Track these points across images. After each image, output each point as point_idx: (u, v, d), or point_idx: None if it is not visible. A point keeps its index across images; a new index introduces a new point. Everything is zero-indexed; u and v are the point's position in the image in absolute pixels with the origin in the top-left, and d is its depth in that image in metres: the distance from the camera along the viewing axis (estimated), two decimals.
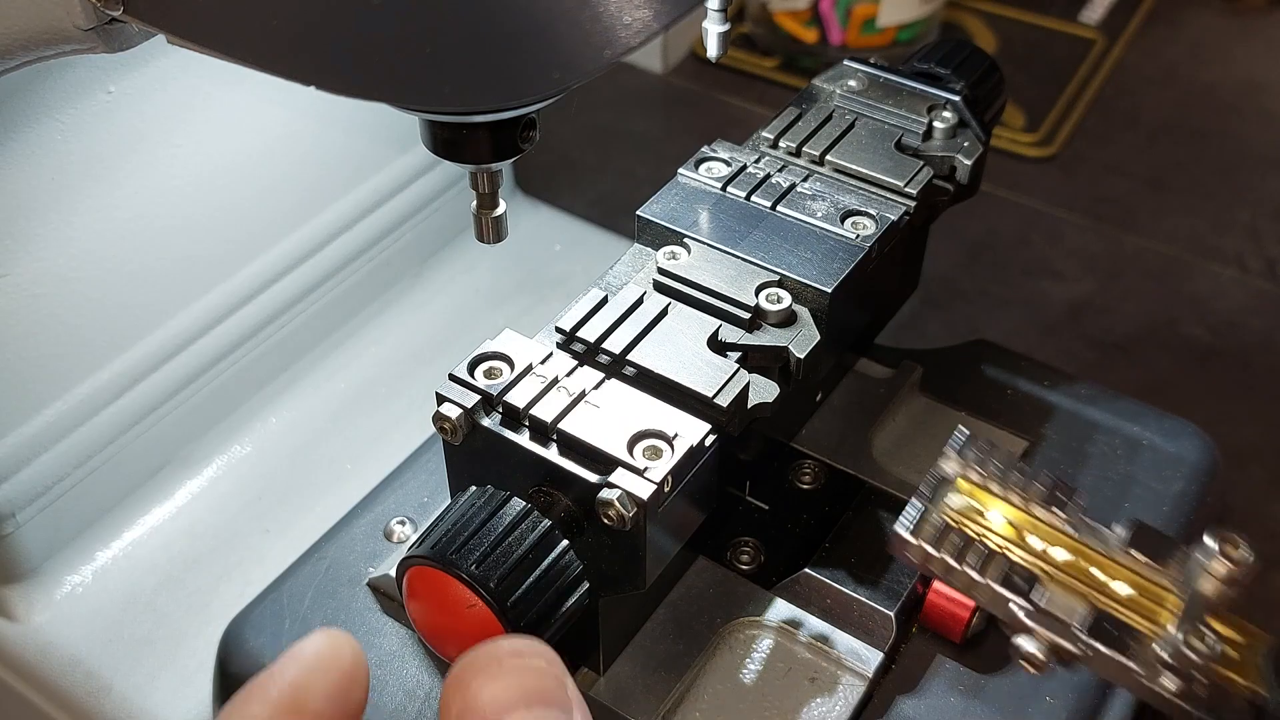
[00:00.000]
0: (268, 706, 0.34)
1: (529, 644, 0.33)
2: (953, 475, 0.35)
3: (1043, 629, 0.33)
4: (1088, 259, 0.81)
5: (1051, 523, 0.34)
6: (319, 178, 0.62)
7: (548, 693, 0.32)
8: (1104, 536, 0.34)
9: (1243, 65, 0.97)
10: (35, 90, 0.48)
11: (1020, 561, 0.33)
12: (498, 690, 0.32)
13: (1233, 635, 0.32)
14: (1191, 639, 0.32)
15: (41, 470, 0.54)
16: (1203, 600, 0.32)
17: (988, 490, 0.35)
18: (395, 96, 0.32)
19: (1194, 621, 0.32)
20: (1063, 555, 0.34)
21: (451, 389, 0.41)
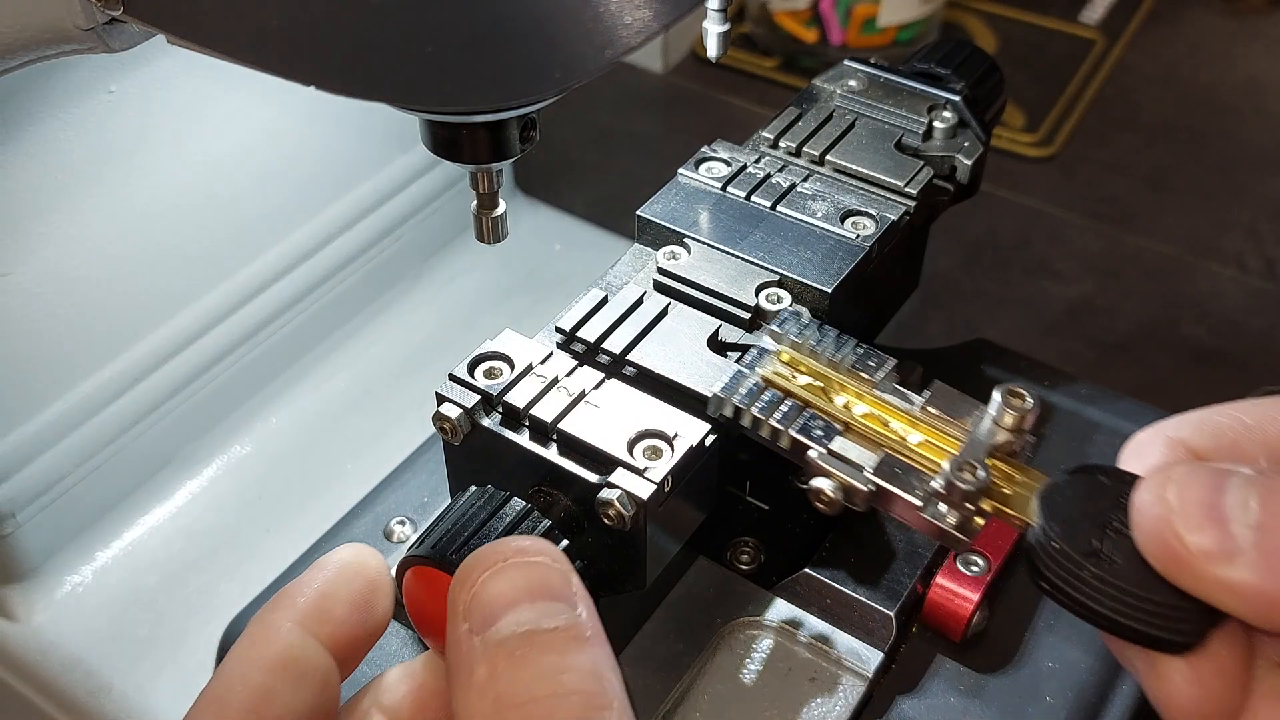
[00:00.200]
0: (295, 613, 0.35)
1: (534, 542, 0.34)
2: (772, 347, 0.39)
3: (838, 472, 0.36)
4: (1087, 259, 0.81)
5: (857, 385, 0.38)
6: (319, 178, 0.62)
7: (553, 587, 0.33)
8: (906, 396, 0.38)
9: (1242, 65, 0.97)
10: (37, 90, 0.48)
11: (823, 415, 0.37)
12: (503, 585, 0.32)
13: (1012, 475, 0.35)
14: (963, 472, 0.34)
15: (42, 470, 0.54)
16: (984, 444, 0.35)
17: (802, 358, 0.39)
18: (395, 96, 0.32)
19: (970, 460, 0.34)
20: (863, 410, 0.37)
21: (451, 389, 0.41)
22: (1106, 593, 0.31)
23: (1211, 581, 0.29)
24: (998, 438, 0.36)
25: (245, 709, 0.33)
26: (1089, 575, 0.31)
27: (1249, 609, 0.29)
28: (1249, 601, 0.29)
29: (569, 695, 0.30)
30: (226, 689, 0.34)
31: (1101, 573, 0.31)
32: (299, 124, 0.59)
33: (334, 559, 0.37)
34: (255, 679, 0.34)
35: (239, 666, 0.34)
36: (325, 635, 0.36)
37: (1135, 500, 0.31)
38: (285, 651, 0.35)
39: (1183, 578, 0.30)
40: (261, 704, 0.33)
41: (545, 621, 0.32)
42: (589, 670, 0.31)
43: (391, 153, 0.65)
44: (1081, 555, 0.31)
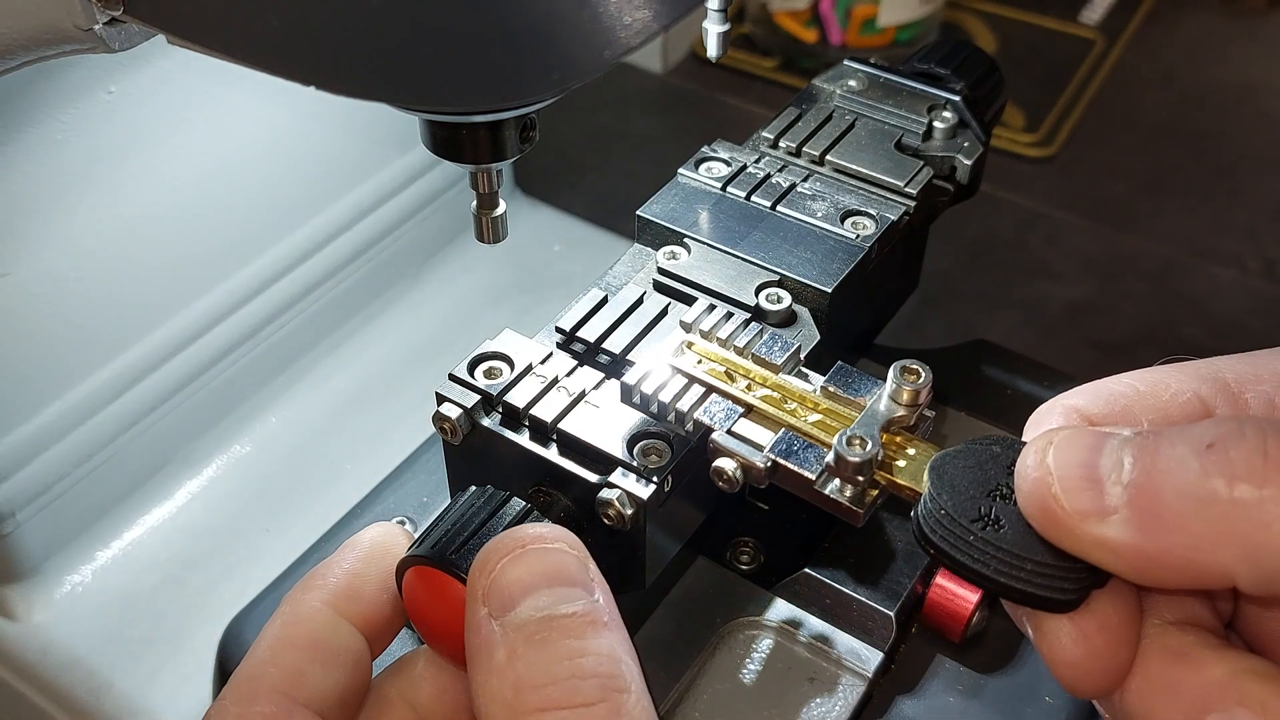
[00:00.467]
0: (326, 593, 0.36)
1: (551, 528, 0.34)
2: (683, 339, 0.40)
3: (738, 451, 0.37)
4: (1087, 259, 0.81)
5: (759, 370, 0.39)
6: (319, 178, 0.62)
7: (570, 573, 0.33)
8: (807, 378, 0.39)
9: (1241, 66, 0.97)
10: (36, 90, 0.48)
11: (727, 399, 0.38)
12: (521, 570, 0.33)
13: (905, 447, 0.36)
14: (852, 445, 0.35)
15: (41, 470, 0.54)
16: (879, 419, 0.36)
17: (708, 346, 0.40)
18: (395, 96, 0.32)
19: (859, 433, 0.35)
20: (764, 393, 0.38)
21: (451, 389, 0.41)
22: (990, 555, 0.31)
23: (1088, 540, 0.30)
24: (895, 413, 0.37)
25: (276, 690, 0.34)
26: (974, 539, 0.32)
27: (1126, 566, 0.30)
28: (1125, 559, 0.30)
29: (588, 678, 0.31)
30: (259, 670, 0.34)
31: (986, 536, 0.32)
32: (299, 124, 0.59)
33: (364, 538, 0.38)
34: (287, 660, 0.34)
35: (271, 647, 0.35)
36: (356, 615, 0.36)
37: (1017, 464, 0.32)
38: (316, 632, 0.35)
39: (1061, 538, 0.31)
40: (293, 685, 0.34)
41: (563, 606, 0.32)
42: (607, 654, 0.32)
43: (391, 153, 0.65)
44: (968, 520, 0.32)
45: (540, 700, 0.31)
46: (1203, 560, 0.29)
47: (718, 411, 0.38)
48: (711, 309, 0.41)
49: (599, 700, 0.31)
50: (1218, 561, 0.28)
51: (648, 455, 0.39)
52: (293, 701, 0.34)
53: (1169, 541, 0.29)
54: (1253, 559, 0.28)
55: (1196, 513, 0.28)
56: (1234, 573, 0.28)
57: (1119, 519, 0.29)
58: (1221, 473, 0.28)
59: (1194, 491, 0.28)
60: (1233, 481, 0.28)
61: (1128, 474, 0.29)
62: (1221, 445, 0.28)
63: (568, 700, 0.31)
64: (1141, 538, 0.29)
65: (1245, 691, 0.29)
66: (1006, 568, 0.31)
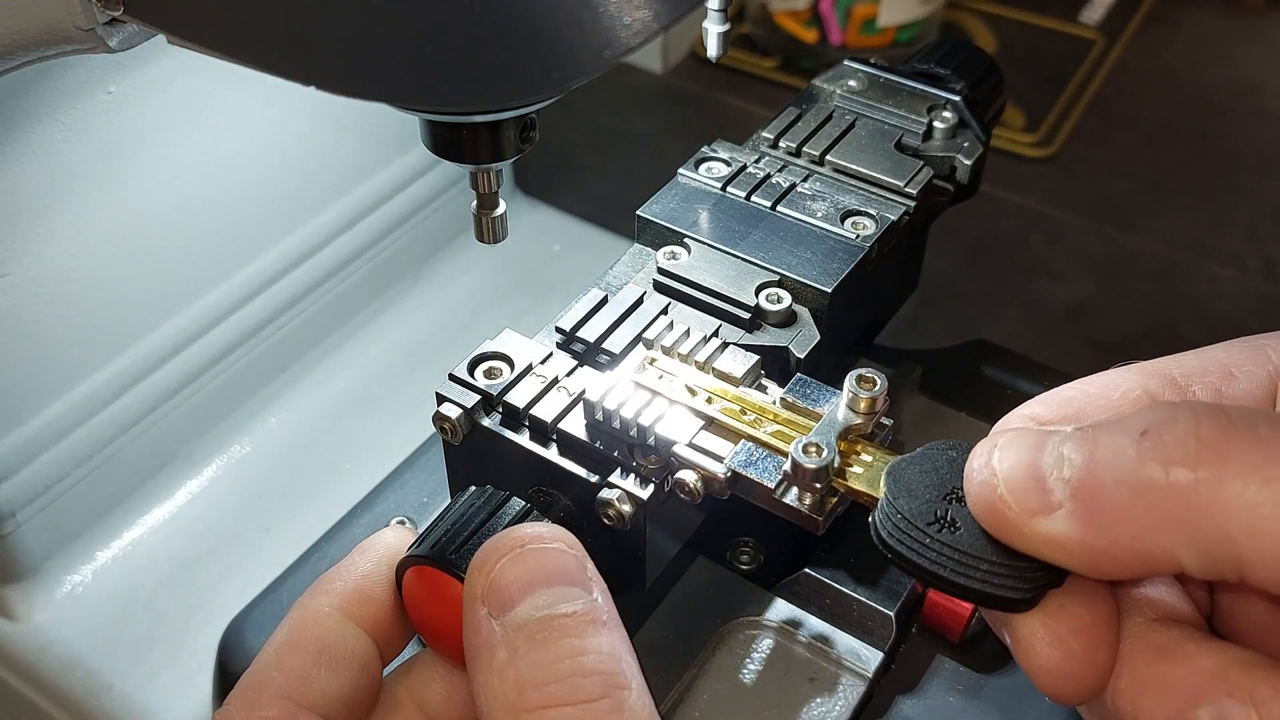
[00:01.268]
0: (335, 598, 0.36)
1: (549, 528, 0.35)
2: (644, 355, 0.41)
3: (699, 463, 0.37)
4: (1087, 259, 0.81)
5: (719, 382, 0.40)
6: (319, 178, 0.62)
7: (568, 573, 0.34)
8: (766, 390, 0.40)
9: (1241, 66, 0.97)
10: (36, 90, 0.48)
11: (688, 411, 0.39)
12: (520, 570, 0.33)
13: (862, 454, 0.37)
14: (808, 453, 0.36)
15: (41, 470, 0.54)
16: (837, 427, 0.37)
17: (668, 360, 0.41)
18: (395, 96, 0.32)
19: (816, 441, 0.36)
20: (724, 405, 0.39)
21: (451, 389, 0.41)
22: (946, 557, 0.32)
23: (1037, 538, 0.30)
24: (852, 421, 0.37)
25: (281, 694, 0.34)
26: (930, 541, 0.32)
27: (1076, 560, 0.30)
28: (1074, 553, 0.30)
29: (590, 675, 0.31)
30: (264, 675, 0.35)
31: (942, 539, 0.32)
32: (299, 124, 0.59)
33: (376, 542, 0.38)
34: (292, 664, 0.35)
35: (277, 652, 0.35)
36: (366, 618, 0.36)
37: (965, 468, 0.32)
38: (323, 636, 0.35)
39: (1011, 537, 0.31)
40: (297, 689, 0.34)
41: (563, 605, 0.33)
42: (608, 652, 0.32)
43: (391, 153, 0.65)
44: (924, 524, 0.33)
45: (543, 698, 0.31)
46: (1148, 548, 0.29)
47: (679, 425, 0.39)
48: (672, 326, 0.42)
49: (601, 696, 0.31)
50: (1162, 548, 0.29)
51: (647, 456, 0.39)
52: (297, 705, 0.34)
53: (1114, 532, 0.29)
54: (1194, 542, 0.28)
55: (1136, 500, 0.29)
56: (1179, 558, 0.29)
57: (1064, 514, 0.30)
58: (1157, 458, 0.29)
59: (1132, 479, 0.29)
60: (1168, 466, 0.28)
61: (1069, 469, 0.30)
62: (1155, 431, 0.29)
63: (570, 697, 0.31)
64: (1087, 530, 0.30)
65: (1232, 682, 0.30)
66: (962, 569, 0.32)
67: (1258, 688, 0.29)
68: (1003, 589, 0.31)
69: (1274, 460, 0.28)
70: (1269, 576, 0.28)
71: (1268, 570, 0.28)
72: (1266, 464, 0.28)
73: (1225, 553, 0.28)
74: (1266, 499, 0.27)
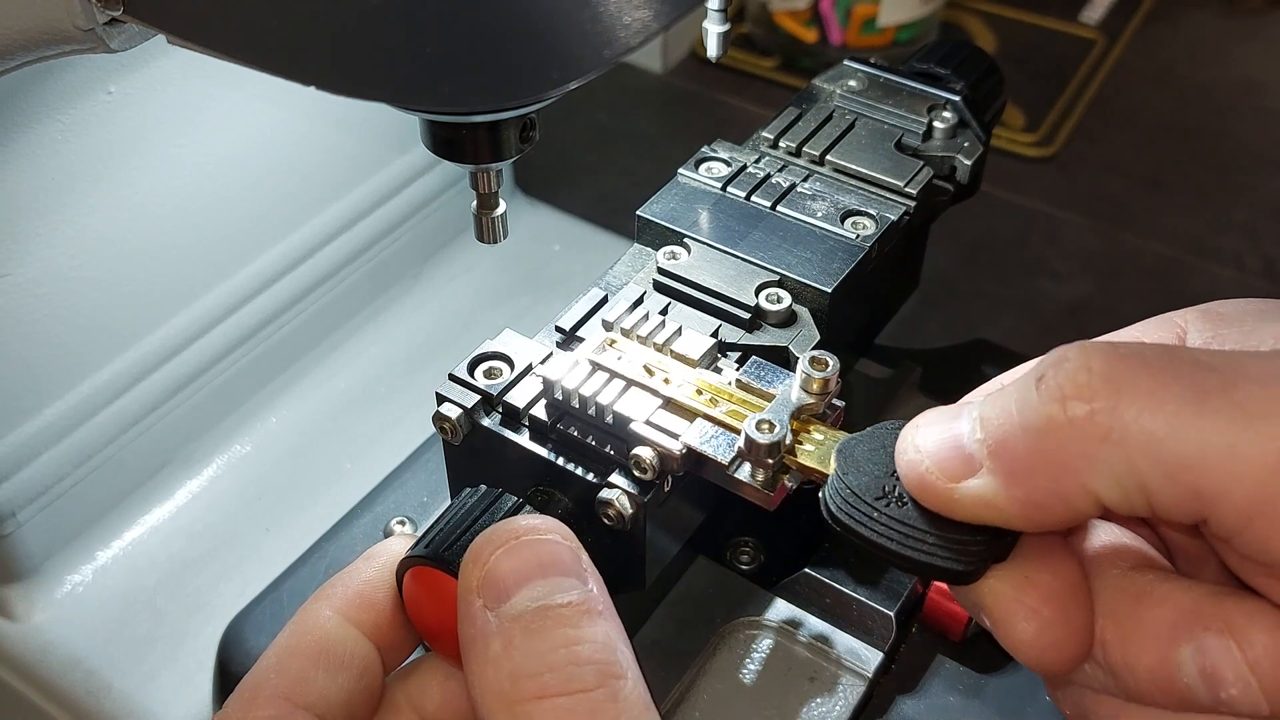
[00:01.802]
0: (337, 602, 0.36)
1: (544, 520, 0.35)
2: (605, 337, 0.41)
3: (656, 440, 0.38)
4: (1086, 259, 0.81)
5: (676, 363, 0.41)
6: (319, 178, 0.62)
7: (563, 563, 0.34)
8: (722, 370, 0.41)
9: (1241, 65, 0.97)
10: (36, 90, 0.48)
11: (645, 391, 0.39)
12: (516, 561, 0.33)
13: (814, 433, 0.38)
14: (760, 429, 0.36)
15: (41, 470, 0.54)
16: (790, 407, 0.38)
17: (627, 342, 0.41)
18: (395, 96, 0.32)
19: (769, 418, 0.37)
20: (682, 386, 0.40)
21: (451, 389, 0.41)
22: (894, 530, 0.33)
23: (968, 503, 0.31)
24: (805, 401, 0.38)
25: (279, 695, 0.34)
26: (878, 515, 0.33)
27: (1006, 515, 0.31)
28: (1004, 509, 0.31)
29: (585, 664, 0.31)
30: (262, 677, 0.35)
31: (889, 513, 0.33)
32: (299, 124, 0.59)
33: (382, 549, 0.38)
34: (291, 666, 0.35)
35: (276, 654, 0.35)
36: (368, 623, 0.37)
37: (895, 448, 0.33)
38: (323, 640, 0.35)
39: (943, 506, 0.32)
40: (295, 690, 0.34)
41: (558, 596, 0.33)
42: (603, 642, 0.32)
43: (391, 153, 0.65)
44: (872, 498, 0.33)
45: (538, 688, 0.31)
46: (1065, 488, 0.30)
47: (636, 404, 0.39)
48: (633, 308, 0.42)
49: (597, 686, 0.31)
50: (1079, 485, 0.30)
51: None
52: (294, 706, 0.34)
53: (1033, 479, 0.30)
54: (1105, 475, 0.29)
55: (1045, 443, 0.30)
56: (1097, 493, 0.30)
57: (986, 473, 0.31)
58: (1054, 398, 0.29)
59: (1037, 424, 0.30)
60: (1065, 402, 0.29)
61: (983, 430, 0.31)
62: (1050, 373, 0.30)
63: (565, 687, 0.31)
64: (1008, 484, 0.30)
65: (1208, 615, 0.30)
66: (910, 541, 0.32)
67: (1232, 617, 0.30)
68: (947, 560, 0.32)
69: (1163, 385, 0.29)
70: (1171, 502, 0.29)
71: (1170, 495, 0.29)
72: (1157, 389, 0.29)
73: (1133, 482, 0.29)
74: (1160, 423, 0.28)
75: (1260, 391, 0.28)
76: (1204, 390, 0.29)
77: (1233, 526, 0.29)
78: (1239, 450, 0.28)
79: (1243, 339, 0.34)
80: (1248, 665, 0.29)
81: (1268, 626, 0.29)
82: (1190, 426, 0.28)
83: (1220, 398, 0.28)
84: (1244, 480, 0.28)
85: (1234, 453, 0.28)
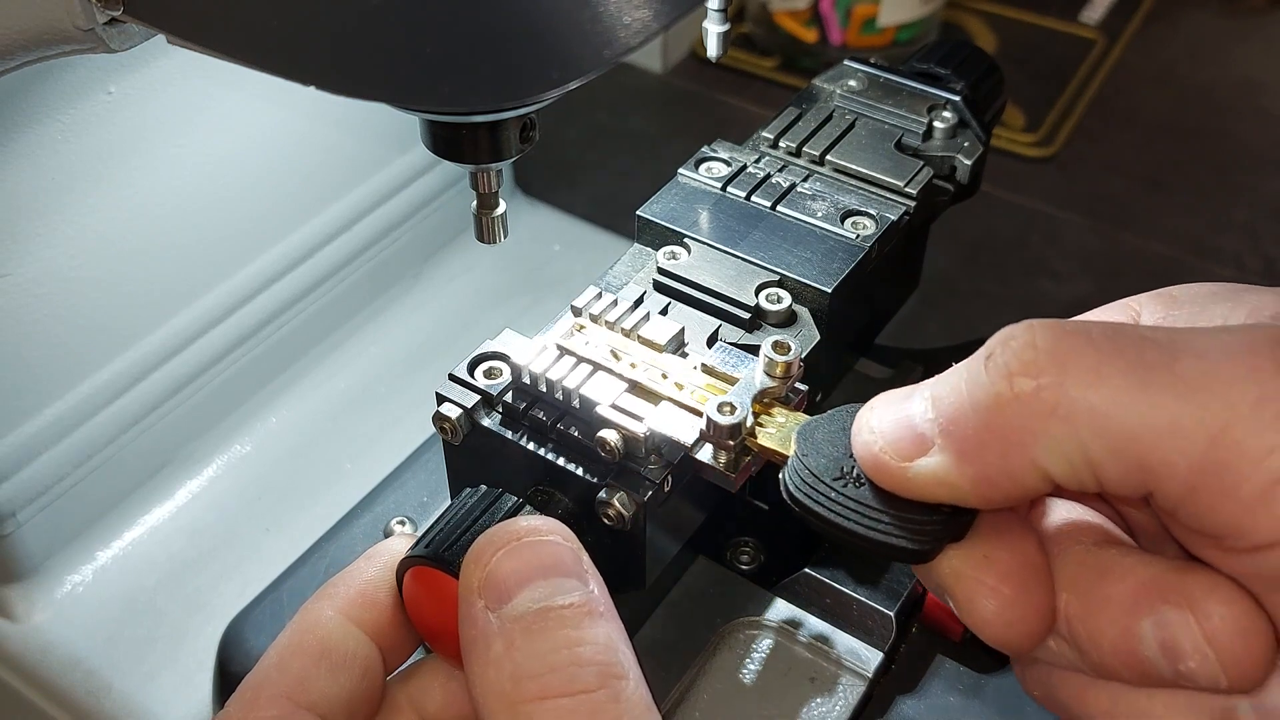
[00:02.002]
0: (338, 602, 0.36)
1: (545, 521, 0.35)
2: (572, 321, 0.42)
3: (620, 423, 0.38)
4: (1086, 259, 0.81)
5: (642, 348, 0.41)
6: (319, 178, 0.62)
7: (565, 564, 0.34)
8: (687, 355, 0.42)
9: (1241, 65, 0.97)
10: (36, 90, 0.48)
11: (612, 375, 0.40)
12: (517, 562, 0.34)
13: (776, 416, 0.38)
14: (722, 411, 0.37)
15: (41, 470, 0.54)
16: (752, 390, 0.38)
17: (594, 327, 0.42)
18: (395, 96, 0.32)
19: (730, 400, 0.37)
20: (649, 370, 0.40)
21: (451, 389, 0.41)
22: (851, 510, 0.33)
23: (921, 481, 0.32)
24: (767, 385, 0.39)
25: (280, 695, 0.34)
26: (836, 495, 0.33)
27: (959, 492, 0.31)
28: (954, 485, 0.31)
29: (586, 666, 0.31)
30: (263, 677, 0.35)
31: (847, 493, 0.33)
32: (299, 124, 0.59)
33: (383, 549, 0.38)
34: (293, 666, 0.35)
35: (278, 654, 0.35)
36: (369, 623, 0.37)
37: (851, 431, 0.34)
38: (325, 640, 0.36)
39: (897, 485, 0.32)
40: (297, 690, 0.34)
41: (559, 597, 0.33)
42: (604, 643, 0.32)
43: (391, 153, 0.65)
44: (830, 479, 0.34)
45: (539, 689, 0.31)
46: (1015, 464, 0.30)
47: (603, 387, 0.40)
48: (600, 295, 0.43)
49: (599, 687, 0.31)
50: (1028, 461, 0.30)
51: (648, 456, 0.39)
52: (296, 706, 0.34)
53: (983, 455, 0.30)
54: (1053, 450, 0.30)
55: (993, 419, 0.30)
56: (1046, 469, 0.30)
57: (938, 451, 0.31)
58: (1002, 375, 0.30)
59: (985, 401, 0.30)
60: (1011, 379, 0.30)
61: (934, 409, 0.31)
62: (998, 350, 0.31)
63: (567, 688, 0.31)
64: (959, 461, 0.31)
65: (1167, 588, 0.31)
66: (867, 521, 0.33)
67: (1190, 590, 0.30)
68: (903, 539, 0.32)
69: (1107, 360, 0.29)
70: (1117, 476, 0.29)
71: (1115, 469, 0.29)
72: (1100, 364, 0.29)
73: (1079, 456, 0.29)
74: (1104, 397, 0.29)
75: (1201, 365, 0.29)
76: (1147, 365, 0.29)
77: (1177, 499, 0.29)
78: (1180, 423, 0.28)
79: (1192, 319, 0.34)
80: (1205, 638, 0.30)
81: (1225, 599, 0.30)
82: (1133, 400, 0.29)
83: (1163, 372, 0.29)
84: (1186, 453, 0.28)
85: (1176, 426, 0.28)
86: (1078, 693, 0.33)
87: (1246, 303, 0.34)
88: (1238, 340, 0.29)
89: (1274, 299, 0.34)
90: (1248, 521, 0.28)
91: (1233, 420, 0.28)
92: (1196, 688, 0.31)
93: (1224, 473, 0.28)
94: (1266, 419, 0.28)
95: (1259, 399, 0.28)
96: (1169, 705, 0.31)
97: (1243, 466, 0.28)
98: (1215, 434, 0.28)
